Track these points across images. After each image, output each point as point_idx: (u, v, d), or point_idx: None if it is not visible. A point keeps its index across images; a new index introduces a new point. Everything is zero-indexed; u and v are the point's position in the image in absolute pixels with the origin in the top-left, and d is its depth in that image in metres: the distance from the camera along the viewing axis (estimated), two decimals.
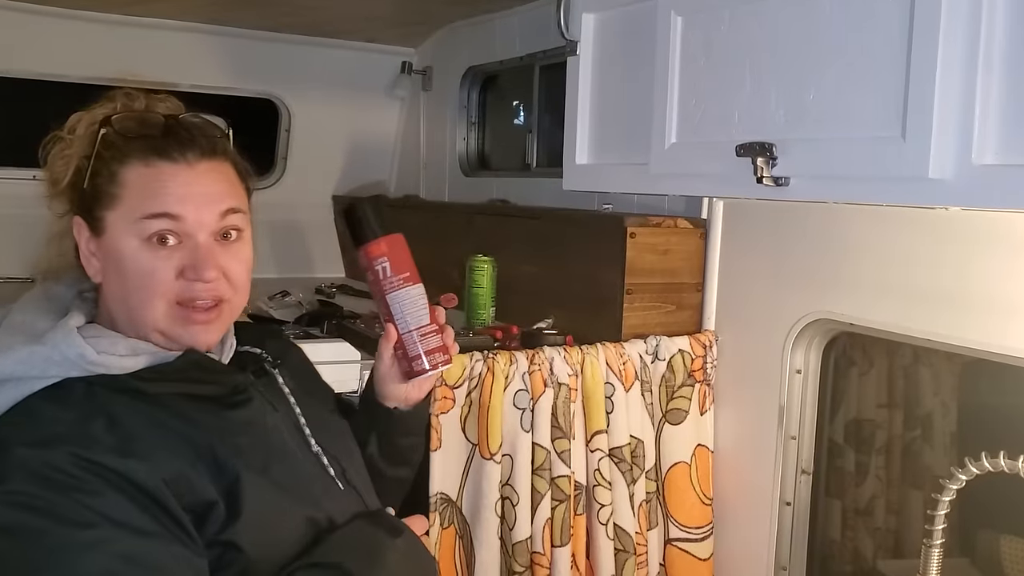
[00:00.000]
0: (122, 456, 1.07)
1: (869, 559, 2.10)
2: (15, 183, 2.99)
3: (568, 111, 1.86)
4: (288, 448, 1.23)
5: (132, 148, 1.18)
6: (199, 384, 1.19)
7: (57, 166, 1.22)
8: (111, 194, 1.17)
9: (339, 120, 3.55)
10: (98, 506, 1.04)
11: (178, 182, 1.17)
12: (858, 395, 2.11)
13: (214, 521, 1.11)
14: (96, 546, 1.03)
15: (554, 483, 1.85)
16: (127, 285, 1.17)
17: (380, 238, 1.31)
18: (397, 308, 1.30)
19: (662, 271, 2.04)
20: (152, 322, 1.17)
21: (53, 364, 1.12)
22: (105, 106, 1.23)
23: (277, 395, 1.29)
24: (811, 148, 1.37)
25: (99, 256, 1.20)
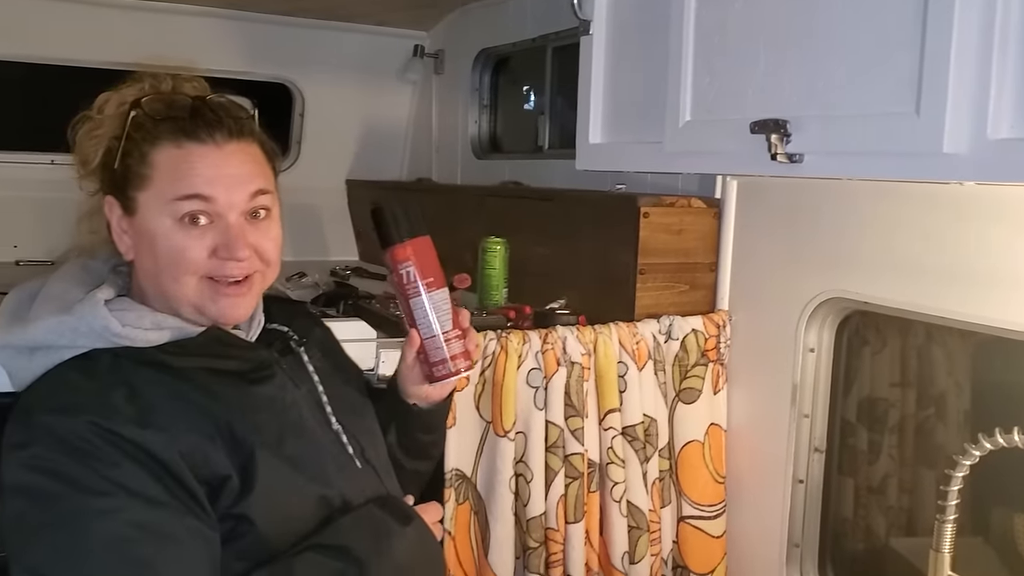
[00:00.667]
0: (140, 427, 1.09)
1: (882, 537, 2.10)
2: (35, 168, 3.03)
3: (581, 91, 1.86)
4: (306, 425, 1.25)
5: (161, 130, 1.20)
6: (222, 359, 1.21)
7: (87, 146, 1.25)
8: (142, 175, 1.19)
9: (352, 104, 3.56)
10: (114, 475, 1.07)
11: (207, 163, 1.19)
12: (871, 374, 2.11)
13: (228, 494, 1.13)
14: (110, 513, 1.06)
15: (567, 460, 1.86)
16: (159, 263, 1.19)
17: (406, 241, 1.30)
18: (420, 312, 1.30)
19: (675, 251, 2.04)
20: (184, 297, 1.20)
21: (80, 335, 1.15)
22: (133, 87, 1.25)
23: (301, 373, 1.31)
24: (825, 124, 1.36)
25: (131, 234, 1.22)
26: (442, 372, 1.33)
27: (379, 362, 1.79)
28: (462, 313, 1.35)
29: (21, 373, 1.18)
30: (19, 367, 1.18)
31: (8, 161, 3.10)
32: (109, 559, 1.04)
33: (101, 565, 1.04)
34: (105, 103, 1.25)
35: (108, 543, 1.04)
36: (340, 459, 1.27)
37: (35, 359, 1.16)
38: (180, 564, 1.07)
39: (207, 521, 1.12)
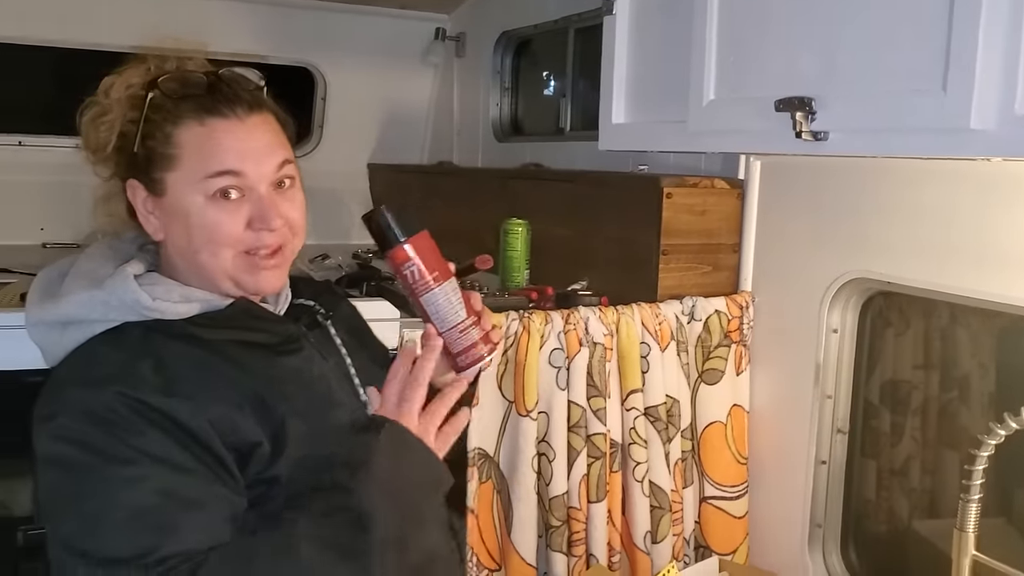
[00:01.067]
0: (166, 395, 1.11)
1: (904, 519, 2.10)
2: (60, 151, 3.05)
3: (604, 70, 1.86)
4: (335, 396, 1.27)
5: (183, 108, 1.21)
6: (250, 331, 1.23)
7: (99, 132, 1.25)
8: (168, 155, 1.20)
9: (373, 87, 3.56)
10: (140, 443, 1.09)
11: (234, 138, 1.20)
12: (894, 356, 2.10)
13: (258, 460, 1.15)
14: (136, 482, 1.07)
15: (590, 440, 1.87)
16: (195, 240, 1.21)
17: (404, 241, 1.27)
18: (433, 308, 1.29)
19: (698, 232, 2.04)
20: (223, 271, 1.22)
21: (111, 308, 1.17)
22: (137, 68, 1.25)
23: (329, 346, 1.33)
24: (850, 102, 1.36)
25: (159, 214, 1.23)
26: (467, 361, 1.33)
27: (403, 341, 1.81)
28: (474, 297, 1.34)
29: (54, 348, 1.20)
30: (52, 343, 1.20)
31: (33, 144, 3.13)
32: (135, 527, 1.06)
33: (128, 534, 1.05)
34: (110, 87, 1.25)
35: (134, 512, 1.06)
36: None
37: (67, 334, 1.18)
38: (206, 529, 1.08)
39: (233, 487, 1.13)
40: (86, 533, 1.06)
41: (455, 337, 1.31)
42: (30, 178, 3.07)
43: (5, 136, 3.11)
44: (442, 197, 3.11)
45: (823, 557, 1.97)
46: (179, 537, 1.06)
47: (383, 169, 3.58)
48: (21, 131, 3.13)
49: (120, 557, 1.05)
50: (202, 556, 1.06)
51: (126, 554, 1.05)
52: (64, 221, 2.97)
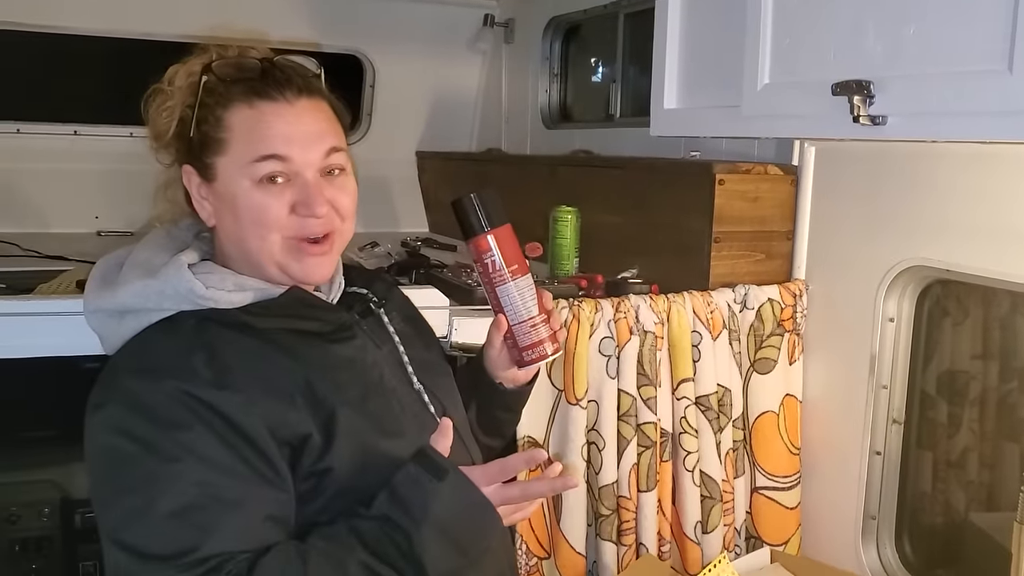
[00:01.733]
0: (218, 389, 1.12)
1: (961, 512, 2.06)
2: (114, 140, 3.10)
3: (656, 55, 1.84)
4: (388, 385, 1.27)
5: (233, 92, 1.22)
6: (303, 320, 1.23)
7: (161, 119, 1.27)
8: (218, 139, 1.21)
9: (422, 75, 3.55)
10: (186, 440, 1.09)
11: (282, 121, 1.21)
12: (952, 345, 2.06)
13: (310, 452, 1.15)
14: (180, 478, 1.08)
15: (640, 429, 1.85)
16: (242, 225, 1.21)
17: (489, 231, 1.31)
18: (506, 300, 1.31)
19: (751, 219, 2.01)
20: (269, 256, 1.22)
21: (166, 298, 1.18)
22: (201, 57, 1.27)
23: (382, 334, 1.33)
24: (911, 84, 1.33)
25: (211, 200, 1.24)
26: (532, 356, 1.35)
27: (451, 329, 1.81)
28: (545, 296, 1.36)
29: (112, 337, 1.21)
30: (110, 331, 1.22)
31: (89, 134, 3.18)
32: (176, 526, 1.07)
33: (167, 530, 1.06)
34: (175, 75, 1.27)
35: (176, 510, 1.07)
36: (422, 418, 1.29)
37: (124, 323, 1.20)
38: (246, 530, 1.09)
39: (280, 485, 1.13)
40: (129, 527, 1.08)
41: (524, 331, 1.32)
42: (85, 167, 3.12)
43: (61, 126, 3.16)
44: (491, 184, 3.09)
45: (877, 550, 1.94)
46: (219, 538, 1.07)
47: (432, 157, 3.58)
48: (77, 121, 3.18)
49: (160, 554, 1.06)
50: (246, 559, 1.07)
51: (166, 552, 1.06)
52: (119, 209, 3.03)
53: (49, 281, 2.03)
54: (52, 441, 2.71)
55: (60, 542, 2.62)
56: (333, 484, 1.16)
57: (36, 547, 2.59)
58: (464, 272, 2.13)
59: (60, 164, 3.13)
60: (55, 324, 1.61)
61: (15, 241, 2.69)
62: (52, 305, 1.63)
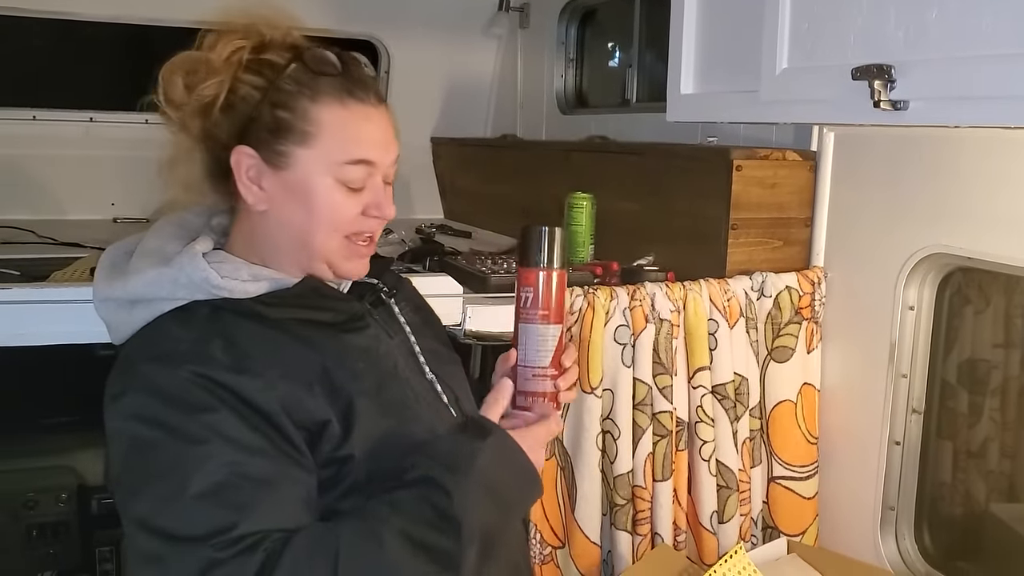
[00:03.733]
0: (237, 373, 1.11)
1: (982, 502, 2.04)
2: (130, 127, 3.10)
3: (673, 39, 1.81)
4: (401, 375, 1.26)
5: (322, 85, 1.20)
6: (316, 311, 1.22)
7: (205, 88, 1.20)
8: (303, 131, 1.19)
9: (437, 60, 3.53)
10: (210, 422, 1.08)
11: (372, 126, 1.22)
12: (973, 334, 2.03)
13: (329, 439, 1.14)
14: (206, 460, 1.07)
15: (655, 418, 1.84)
16: (314, 219, 1.21)
17: (537, 268, 1.30)
18: (523, 338, 1.30)
19: (769, 205, 1.98)
20: (325, 253, 1.23)
21: (180, 287, 1.17)
22: (239, 31, 1.22)
23: (393, 324, 1.32)
24: (933, 69, 1.29)
25: (270, 186, 1.21)
26: (524, 402, 1.32)
27: (466, 317, 1.80)
28: (568, 354, 1.33)
29: (122, 326, 1.20)
30: (120, 320, 1.20)
31: (104, 121, 3.18)
32: (210, 506, 1.06)
33: (200, 512, 1.05)
34: (215, 44, 1.21)
35: (205, 490, 1.06)
36: (436, 407, 1.29)
37: (135, 312, 1.18)
38: (280, 508, 1.08)
39: (304, 464, 1.13)
40: (160, 512, 1.07)
41: (527, 376, 1.30)
42: (101, 153, 3.13)
43: (76, 112, 3.17)
44: (506, 171, 3.09)
45: (896, 540, 1.92)
46: (255, 517, 1.06)
47: (446, 143, 3.57)
48: (92, 107, 3.18)
49: (196, 535, 1.05)
50: (281, 538, 1.06)
51: (201, 532, 1.04)
52: (134, 196, 3.02)
53: (64, 268, 2.03)
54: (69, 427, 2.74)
55: (77, 527, 2.65)
56: (352, 472, 1.15)
57: (53, 532, 2.62)
58: (479, 259, 2.12)
59: (76, 151, 3.14)
60: (70, 312, 1.60)
61: (31, 228, 2.70)
62: (66, 293, 1.63)
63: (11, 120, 3.10)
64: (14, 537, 2.57)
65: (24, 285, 1.68)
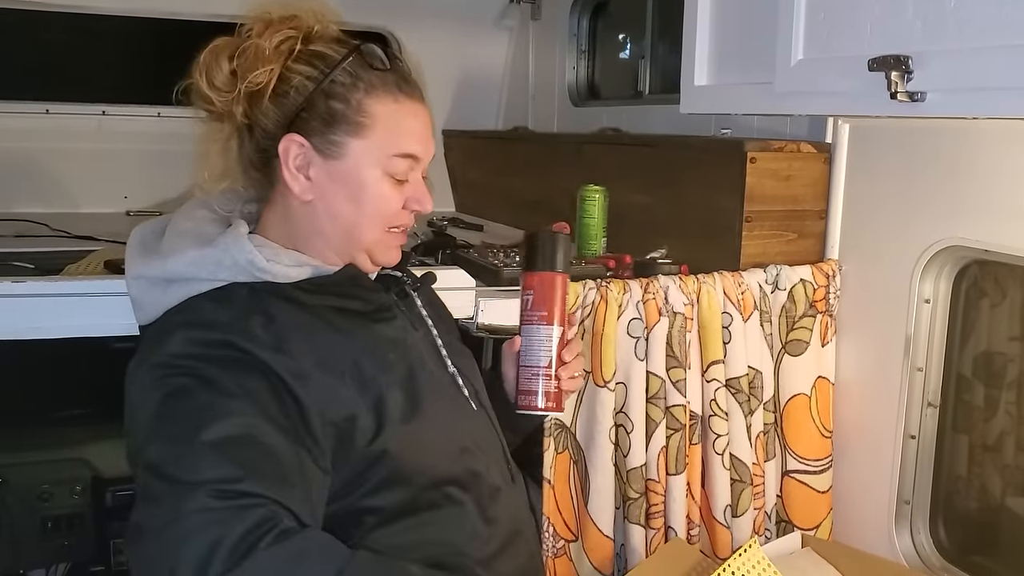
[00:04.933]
0: (275, 351, 1.12)
1: (997, 496, 2.02)
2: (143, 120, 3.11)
3: (686, 30, 1.80)
4: (427, 366, 1.27)
5: (377, 79, 1.23)
6: (348, 299, 1.24)
7: (256, 73, 1.20)
8: (357, 123, 1.21)
9: (448, 52, 3.53)
10: (244, 383, 1.10)
11: (420, 123, 1.26)
12: (989, 327, 2.02)
13: (362, 433, 1.15)
14: (229, 415, 1.08)
15: (669, 412, 1.83)
16: (363, 210, 1.24)
17: (536, 272, 1.36)
18: (524, 339, 1.37)
19: (783, 198, 1.97)
20: (368, 243, 1.26)
21: (223, 268, 1.17)
22: (296, 20, 1.24)
23: (416, 316, 1.34)
24: (951, 60, 1.28)
25: (320, 176, 1.23)
26: (523, 402, 1.38)
27: (478, 310, 1.79)
28: (570, 347, 1.38)
29: (153, 305, 1.20)
30: (152, 299, 1.20)
31: (117, 114, 3.19)
32: (219, 456, 1.06)
33: (212, 459, 1.05)
34: (264, 31, 1.22)
35: (217, 440, 1.06)
36: (458, 400, 1.30)
37: (171, 290, 1.19)
38: (276, 481, 1.08)
39: (316, 453, 1.13)
40: (172, 457, 1.07)
41: (525, 375, 1.37)
42: (114, 147, 3.13)
43: (89, 106, 3.17)
44: (517, 163, 3.08)
45: (911, 535, 1.91)
46: (261, 481, 1.06)
47: (458, 135, 3.56)
48: (105, 101, 3.19)
49: (201, 480, 1.04)
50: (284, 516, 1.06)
51: (207, 477, 1.04)
52: (147, 189, 3.04)
53: (77, 262, 2.03)
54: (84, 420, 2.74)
55: (91, 520, 2.66)
56: (385, 467, 1.16)
57: (68, 524, 2.63)
58: (490, 252, 2.11)
59: (88, 144, 3.15)
60: (83, 305, 1.61)
61: (45, 221, 2.70)
62: (80, 286, 1.63)
63: (24, 113, 3.12)
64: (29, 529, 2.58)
65: (38, 279, 1.68)
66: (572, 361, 1.37)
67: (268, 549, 1.00)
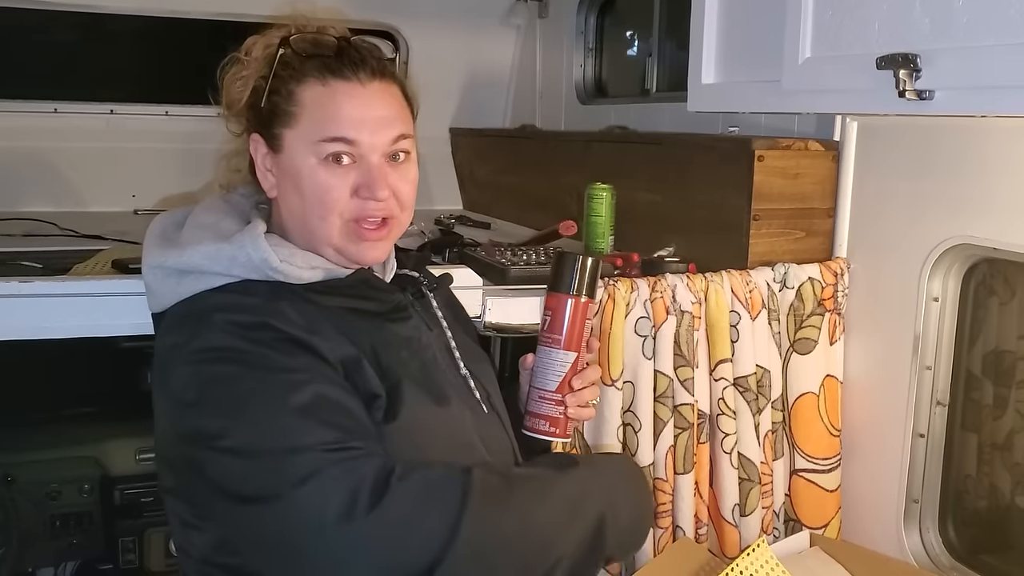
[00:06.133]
0: (310, 334, 1.13)
1: (1007, 495, 2.01)
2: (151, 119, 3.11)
3: (694, 28, 1.79)
4: (440, 366, 1.27)
5: (308, 67, 1.21)
6: (363, 300, 1.24)
7: (235, 88, 1.27)
8: (289, 112, 1.21)
9: (455, 51, 3.52)
10: (291, 361, 1.10)
11: (353, 104, 1.21)
12: (998, 325, 2.01)
13: (376, 411, 1.16)
14: (296, 387, 1.08)
15: (677, 411, 1.83)
16: (304, 201, 1.22)
17: (557, 294, 1.32)
18: (537, 360, 1.34)
19: (791, 196, 1.96)
20: (327, 237, 1.23)
21: (237, 264, 1.17)
22: (279, 30, 1.26)
23: (431, 317, 1.33)
24: (960, 57, 1.28)
25: (275, 172, 1.25)
26: (528, 423, 1.36)
27: (485, 309, 1.79)
28: (583, 375, 1.35)
29: (167, 294, 1.21)
30: (166, 288, 1.21)
31: (126, 113, 3.19)
32: (308, 422, 1.06)
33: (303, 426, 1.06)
34: (252, 46, 1.27)
35: (302, 408, 1.07)
36: (470, 402, 1.29)
37: (184, 282, 1.19)
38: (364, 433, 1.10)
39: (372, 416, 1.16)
40: (260, 436, 1.06)
41: (534, 397, 1.34)
42: (122, 145, 3.14)
43: (97, 105, 3.18)
44: (525, 161, 3.07)
45: (920, 534, 1.90)
46: (355, 436, 1.08)
47: (465, 133, 3.56)
48: (113, 100, 3.19)
49: (304, 444, 1.05)
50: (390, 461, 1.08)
51: (309, 441, 1.05)
52: (155, 188, 3.04)
53: (85, 261, 2.04)
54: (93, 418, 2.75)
55: (100, 518, 2.67)
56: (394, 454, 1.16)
57: (76, 522, 2.64)
58: (498, 251, 2.11)
59: (97, 143, 3.15)
60: (91, 305, 1.61)
61: (53, 220, 2.71)
62: (87, 286, 1.64)
63: (33, 112, 3.12)
64: (38, 527, 2.59)
65: (46, 279, 1.68)
66: (582, 390, 1.33)
67: (401, 482, 1.05)
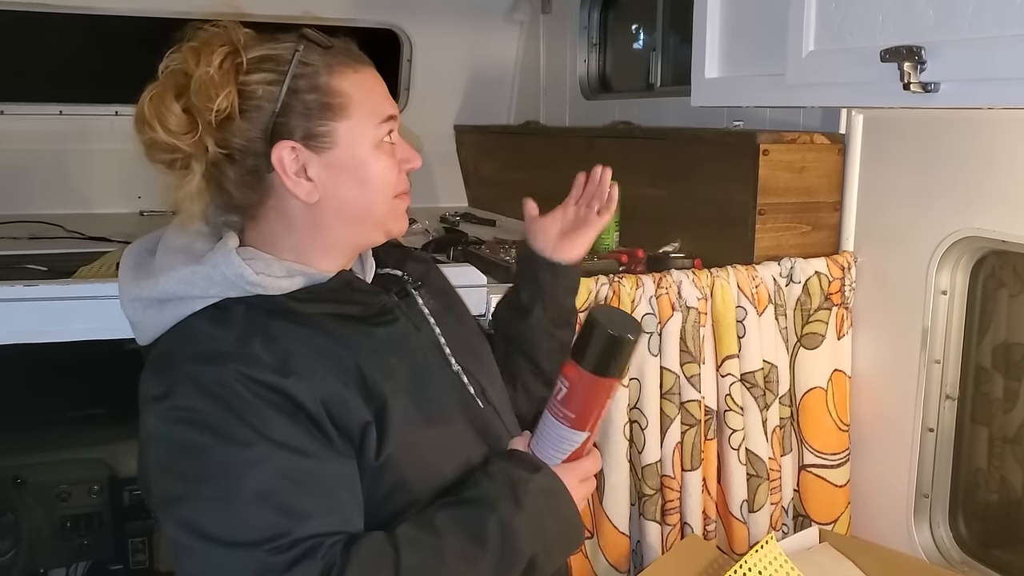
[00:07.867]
0: (282, 375, 1.09)
1: (1018, 489, 2.00)
2: None
3: (697, 22, 1.78)
4: (431, 368, 1.25)
5: (333, 59, 1.19)
6: (347, 304, 1.21)
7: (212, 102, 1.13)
8: (335, 105, 1.17)
9: (459, 48, 3.52)
10: (259, 425, 1.07)
11: (380, 83, 1.24)
12: (1008, 318, 2.00)
13: (370, 444, 1.13)
14: (258, 464, 1.06)
15: (683, 407, 1.82)
16: (371, 190, 1.21)
17: (582, 368, 1.17)
18: (541, 426, 1.23)
19: (797, 190, 1.95)
20: (382, 219, 1.24)
21: (214, 284, 1.14)
22: (221, 37, 1.18)
23: (418, 316, 1.30)
24: (965, 49, 1.26)
25: (321, 172, 1.18)
26: None
27: (489, 308, 1.78)
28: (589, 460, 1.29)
29: (151, 326, 1.17)
30: (149, 320, 1.17)
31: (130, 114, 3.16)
32: (263, 511, 1.04)
33: (254, 516, 1.04)
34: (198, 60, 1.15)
35: (258, 494, 1.05)
36: (464, 400, 1.27)
37: (166, 311, 1.16)
38: (331, 511, 1.08)
39: (348, 464, 1.12)
40: (210, 517, 1.05)
41: None
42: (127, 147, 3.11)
43: (102, 107, 3.18)
44: (529, 157, 3.07)
45: (930, 529, 1.89)
46: (309, 521, 1.05)
47: (470, 130, 3.55)
48: (118, 101, 3.19)
49: (249, 540, 1.03)
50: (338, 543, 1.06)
51: (256, 537, 1.03)
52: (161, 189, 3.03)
53: (90, 263, 2.04)
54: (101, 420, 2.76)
55: (109, 519, 2.67)
56: (391, 477, 1.15)
57: (86, 524, 2.64)
58: (502, 248, 2.11)
59: (102, 145, 3.15)
60: (97, 308, 1.61)
61: (59, 222, 2.71)
62: (92, 289, 1.63)
63: (37, 115, 3.13)
64: (48, 528, 2.59)
65: (51, 282, 1.68)
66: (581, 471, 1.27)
67: None
